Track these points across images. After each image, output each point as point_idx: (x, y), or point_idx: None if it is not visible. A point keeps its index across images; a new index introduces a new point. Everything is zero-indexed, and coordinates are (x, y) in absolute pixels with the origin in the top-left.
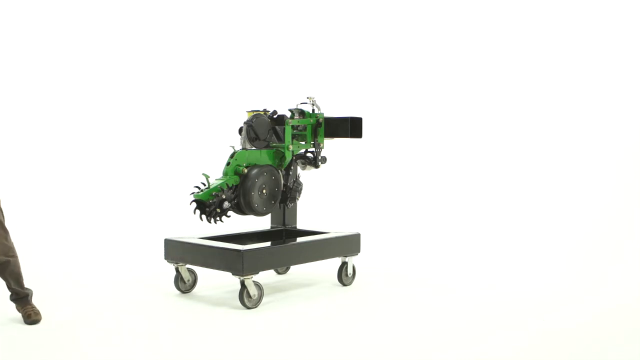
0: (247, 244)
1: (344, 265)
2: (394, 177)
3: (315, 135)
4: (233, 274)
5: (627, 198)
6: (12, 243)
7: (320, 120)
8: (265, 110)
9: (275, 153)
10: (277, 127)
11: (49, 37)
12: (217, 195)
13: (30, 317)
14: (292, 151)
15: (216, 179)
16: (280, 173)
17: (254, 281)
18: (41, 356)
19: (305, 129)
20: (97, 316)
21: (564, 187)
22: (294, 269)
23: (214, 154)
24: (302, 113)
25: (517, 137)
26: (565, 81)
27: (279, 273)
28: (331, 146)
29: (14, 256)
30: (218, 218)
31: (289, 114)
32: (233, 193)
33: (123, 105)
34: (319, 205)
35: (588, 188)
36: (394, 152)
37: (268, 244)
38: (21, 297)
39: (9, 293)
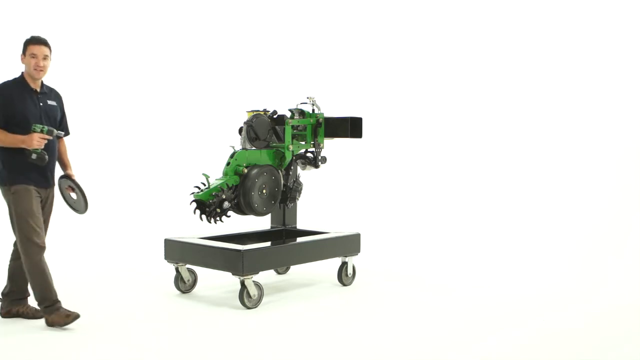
0: (247, 244)
1: (344, 265)
2: (394, 177)
3: (315, 135)
4: (233, 274)
5: (627, 198)
6: None
7: (320, 120)
8: (265, 110)
9: (275, 153)
10: (277, 127)
11: (50, 38)
12: (217, 195)
13: (38, 312)
14: (292, 151)
15: (216, 179)
16: (280, 173)
17: (254, 281)
18: (41, 356)
19: (305, 129)
20: (97, 316)
21: (564, 187)
22: (294, 269)
23: (214, 154)
24: (302, 113)
25: (517, 137)
26: (566, 81)
27: (279, 273)
28: (331, 146)
29: None
30: (218, 218)
31: (289, 114)
32: (233, 193)
33: (123, 106)
34: (319, 205)
35: (588, 188)
36: (394, 152)
37: (268, 244)
38: (25, 297)
39: (6, 290)
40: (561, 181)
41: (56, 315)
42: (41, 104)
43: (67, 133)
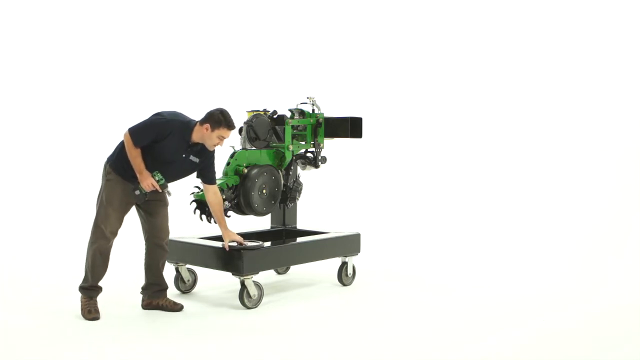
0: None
1: (344, 265)
2: (394, 177)
3: (315, 135)
4: (233, 274)
5: (627, 198)
6: None
7: (320, 120)
8: (265, 110)
9: (275, 153)
10: (277, 127)
11: (49, 38)
12: None
13: (176, 305)
14: (292, 151)
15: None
16: (280, 173)
17: (254, 281)
18: (40, 355)
19: (305, 129)
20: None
21: (564, 187)
22: (294, 269)
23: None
24: (302, 113)
25: (517, 137)
26: (566, 81)
27: (279, 273)
28: (331, 146)
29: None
30: None
31: (289, 114)
32: (233, 193)
33: (124, 105)
34: (319, 205)
35: (588, 188)
36: (394, 152)
37: (268, 244)
38: (164, 289)
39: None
40: (561, 181)
41: (84, 302)
42: (184, 155)
43: (213, 182)
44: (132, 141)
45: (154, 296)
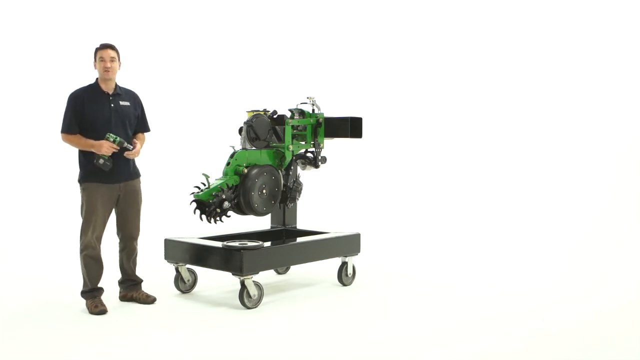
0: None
1: (344, 265)
2: (394, 177)
3: (315, 135)
4: (233, 274)
5: (627, 198)
6: None
7: (320, 120)
8: (265, 110)
9: (275, 153)
10: (277, 127)
11: (48, 37)
12: (217, 195)
13: (149, 297)
14: (292, 151)
15: (216, 179)
16: (280, 173)
17: (254, 281)
18: (38, 353)
19: (305, 129)
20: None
21: (564, 187)
22: (294, 269)
23: (214, 154)
24: (302, 113)
25: (516, 137)
26: (566, 81)
27: (279, 273)
28: (331, 146)
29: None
30: (218, 218)
31: (289, 114)
32: (233, 193)
33: None
34: (319, 205)
35: (588, 188)
36: (394, 152)
37: (268, 244)
38: (138, 283)
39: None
40: (561, 181)
41: (89, 301)
42: (112, 105)
43: (147, 129)
44: (66, 133)
45: (129, 289)
